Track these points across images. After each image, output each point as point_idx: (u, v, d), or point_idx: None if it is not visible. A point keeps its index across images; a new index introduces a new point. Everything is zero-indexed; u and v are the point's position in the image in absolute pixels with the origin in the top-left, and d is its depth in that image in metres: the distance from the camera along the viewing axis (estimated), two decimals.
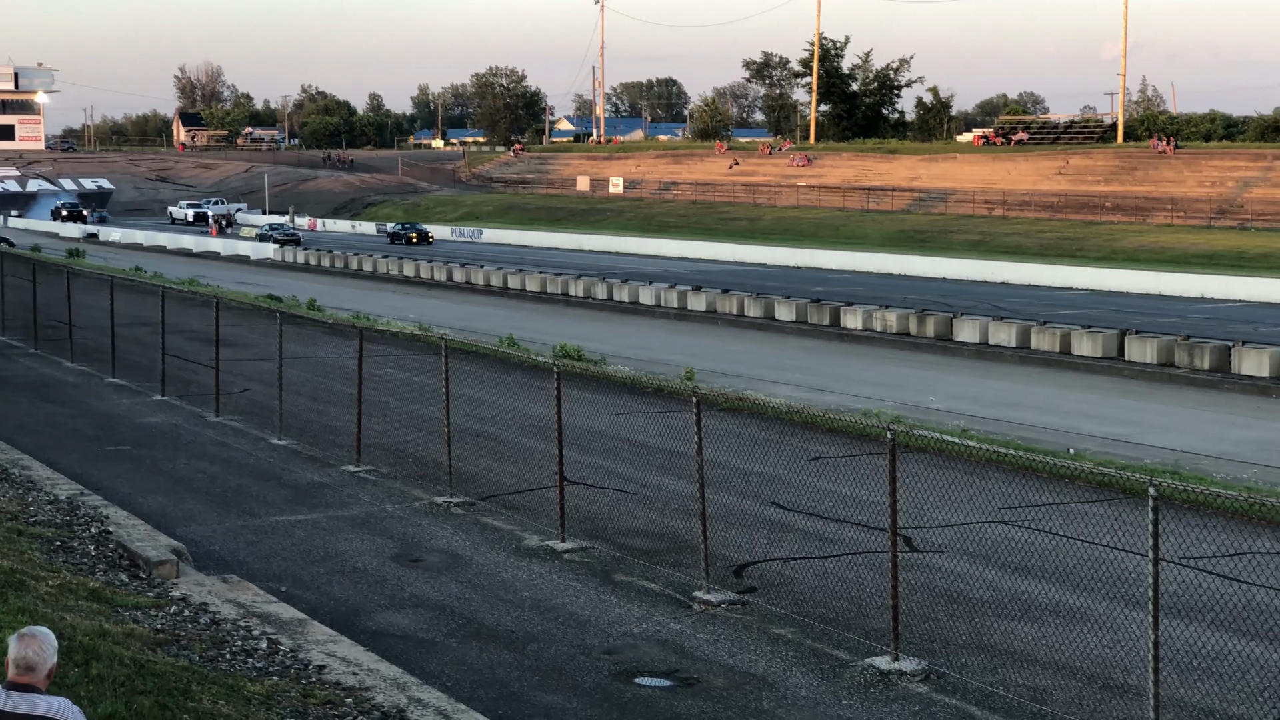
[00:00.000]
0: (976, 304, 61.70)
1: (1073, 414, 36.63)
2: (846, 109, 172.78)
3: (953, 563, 19.40)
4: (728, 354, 48.62)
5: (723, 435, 27.88)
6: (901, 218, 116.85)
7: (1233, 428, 35.22)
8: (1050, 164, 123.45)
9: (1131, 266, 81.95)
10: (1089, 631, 16.36)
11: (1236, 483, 25.00)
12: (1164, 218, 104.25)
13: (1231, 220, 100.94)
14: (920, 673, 14.90)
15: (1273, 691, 14.39)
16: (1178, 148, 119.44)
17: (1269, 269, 79.92)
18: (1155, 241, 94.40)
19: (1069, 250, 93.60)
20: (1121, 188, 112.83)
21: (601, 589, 18.24)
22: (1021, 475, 24.72)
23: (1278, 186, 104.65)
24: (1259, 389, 41.36)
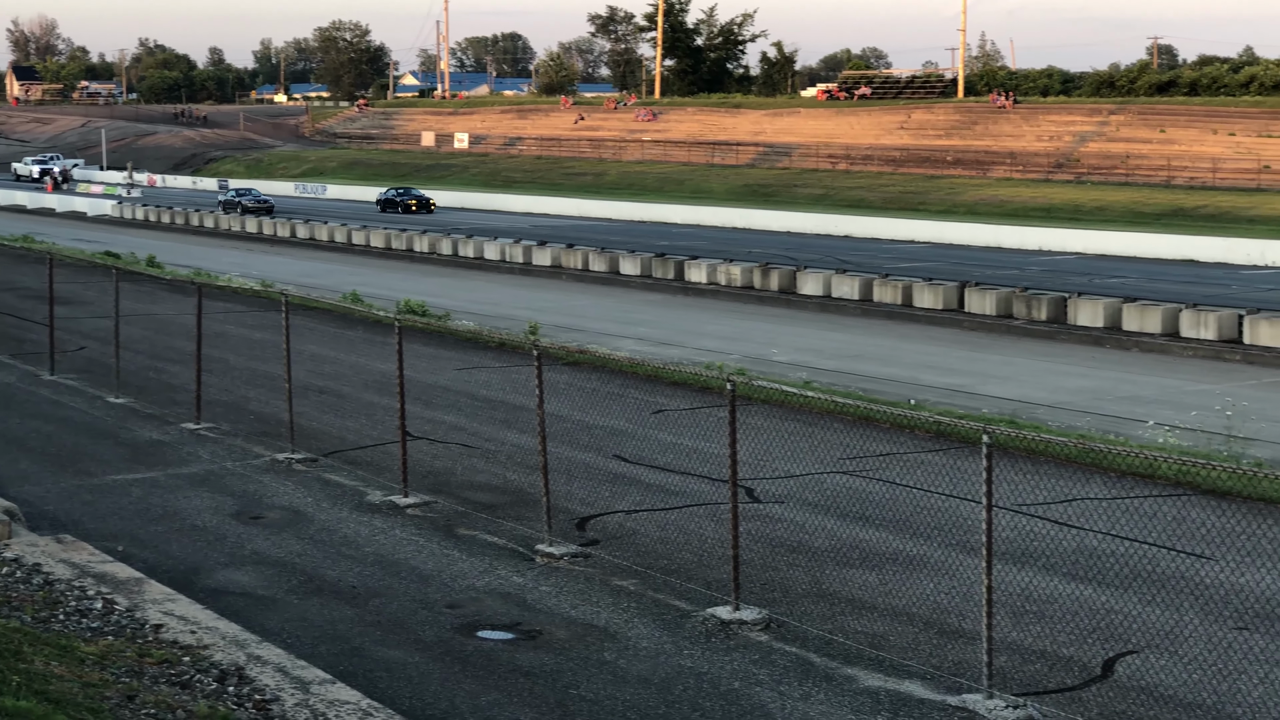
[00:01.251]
0: (820, 257, 62.19)
1: (914, 365, 37.08)
2: (691, 64, 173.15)
3: (794, 513, 19.58)
4: (573, 309, 48.60)
5: (566, 389, 27.92)
6: (746, 172, 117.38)
7: (1069, 377, 35.86)
8: (893, 119, 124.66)
9: (972, 220, 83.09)
10: (926, 578, 16.60)
11: (1070, 431, 25.46)
12: (1003, 172, 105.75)
13: (1068, 174, 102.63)
14: (761, 622, 15.03)
15: (1102, 633, 14.71)
16: (1016, 103, 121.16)
17: (1104, 221, 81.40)
18: (995, 195, 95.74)
19: (911, 204, 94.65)
20: (962, 142, 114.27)
21: (444, 543, 18.18)
22: (862, 426, 25.03)
23: (1113, 141, 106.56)
24: (1094, 339, 42.16)
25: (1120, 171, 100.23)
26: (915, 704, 12.98)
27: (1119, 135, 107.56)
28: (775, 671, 13.79)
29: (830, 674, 13.72)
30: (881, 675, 13.67)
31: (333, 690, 12.31)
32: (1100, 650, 14.28)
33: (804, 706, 12.94)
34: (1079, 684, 13.45)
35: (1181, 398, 32.17)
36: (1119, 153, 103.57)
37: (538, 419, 17.97)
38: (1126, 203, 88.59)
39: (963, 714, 12.72)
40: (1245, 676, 13.50)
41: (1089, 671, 13.77)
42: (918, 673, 13.70)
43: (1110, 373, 36.69)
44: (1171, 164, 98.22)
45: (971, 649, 13.88)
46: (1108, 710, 12.78)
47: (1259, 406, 30.32)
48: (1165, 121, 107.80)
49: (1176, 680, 13.46)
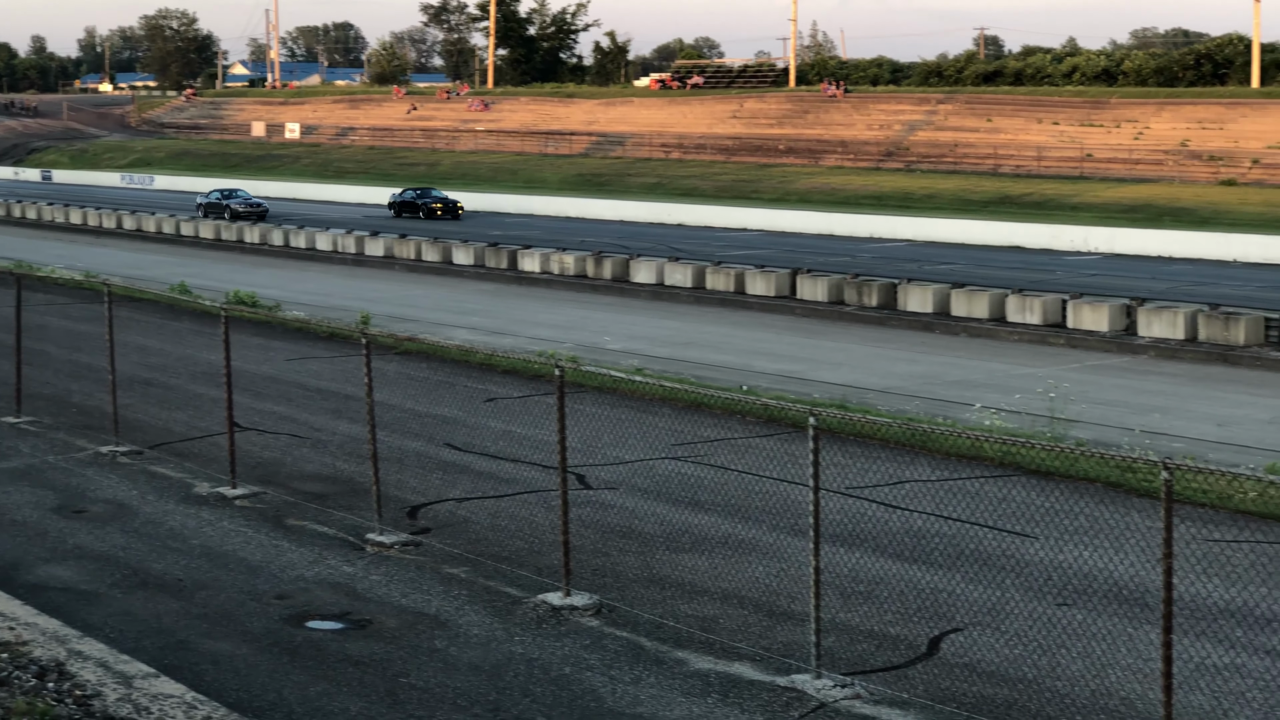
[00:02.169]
0: (653, 246, 62.37)
1: (747, 352, 37.33)
2: (525, 53, 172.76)
3: (625, 499, 19.61)
4: (406, 298, 48.28)
5: (398, 378, 27.75)
6: (580, 161, 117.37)
7: (899, 362, 36.33)
8: (725, 108, 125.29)
9: (804, 207, 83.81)
10: (756, 561, 16.71)
11: (900, 414, 25.78)
12: (835, 160, 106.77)
13: (898, 162, 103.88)
14: (592, 607, 15.04)
15: (928, 612, 14.91)
16: (847, 92, 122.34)
17: (933, 209, 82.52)
18: (826, 183, 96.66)
19: (744, 192, 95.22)
20: (794, 131, 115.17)
21: (273, 534, 17.97)
22: (693, 412, 25.16)
23: (941, 130, 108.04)
24: (923, 324, 42.74)
25: (948, 160, 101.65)
26: (745, 685, 13.06)
27: (947, 124, 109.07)
28: (606, 656, 13.81)
29: (661, 657, 13.76)
30: (712, 658, 13.74)
31: (156, 684, 12.12)
32: (926, 629, 14.47)
33: (634, 690, 12.97)
34: (905, 662, 13.62)
35: (1008, 381, 32.72)
36: (947, 141, 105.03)
37: (367, 408, 17.82)
38: (955, 190, 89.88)
39: (791, 694, 12.82)
40: (1065, 651, 13.76)
41: (915, 650, 13.95)
42: (748, 654, 13.78)
43: (939, 357, 37.21)
44: (998, 152, 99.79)
45: (801, 630, 13.99)
46: (933, 687, 12.95)
47: (1081, 389, 30.91)
48: (992, 111, 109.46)
49: (1000, 656, 13.68)
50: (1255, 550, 17.09)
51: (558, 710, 12.54)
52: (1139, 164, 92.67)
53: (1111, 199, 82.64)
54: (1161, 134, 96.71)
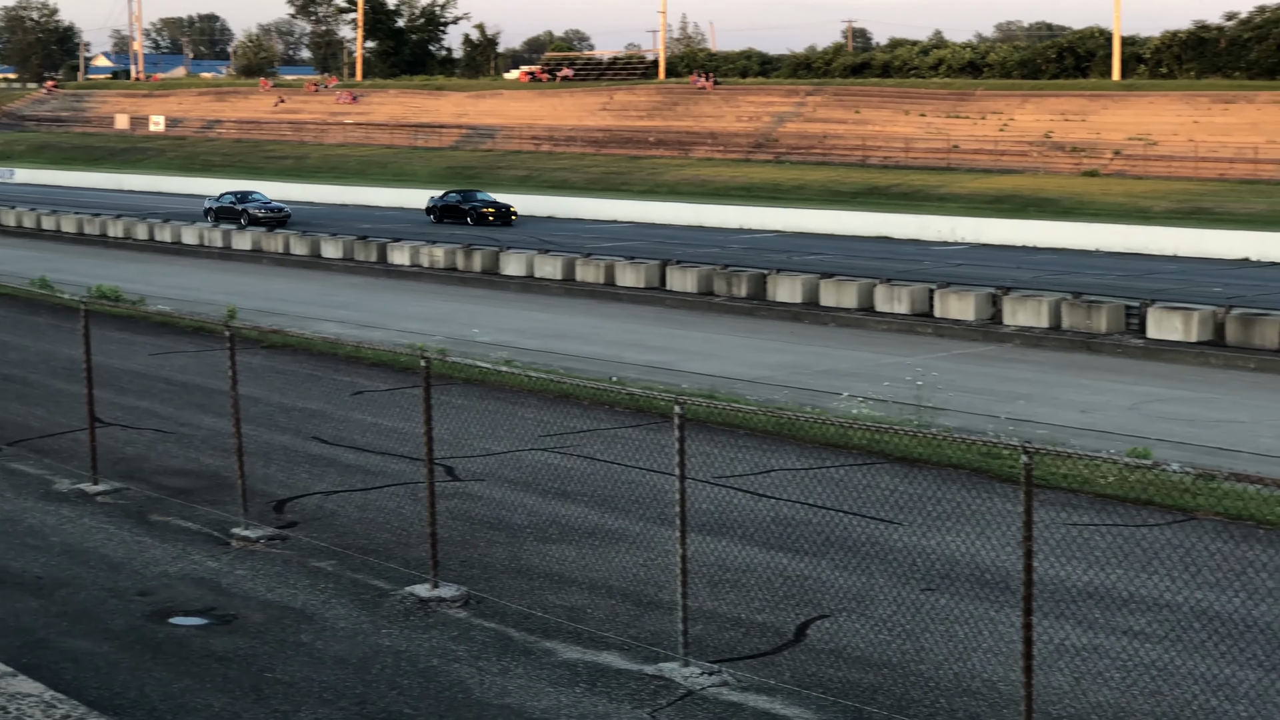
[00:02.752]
0: (523, 238, 62.26)
1: (616, 343, 37.38)
2: (393, 45, 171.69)
3: (494, 490, 19.54)
4: (274, 292, 47.83)
5: (265, 372, 27.48)
6: (450, 154, 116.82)
7: (768, 352, 36.52)
8: (595, 100, 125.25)
9: (674, 199, 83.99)
10: (625, 551, 16.71)
11: (768, 404, 25.91)
12: (705, 152, 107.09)
13: (768, 154, 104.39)
14: (460, 598, 14.97)
15: (796, 599, 14.98)
16: (717, 84, 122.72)
17: (803, 200, 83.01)
18: (697, 175, 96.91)
19: (614, 184, 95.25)
20: (664, 123, 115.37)
21: (136, 530, 17.71)
22: (562, 403, 25.14)
23: (810, 121, 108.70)
24: (792, 315, 43.01)
25: (817, 151, 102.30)
26: (613, 674, 13.05)
27: (816, 116, 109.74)
28: (474, 647, 13.75)
29: (529, 648, 13.72)
30: (580, 647, 13.72)
31: (14, 683, 11.87)
32: (794, 615, 14.54)
33: (502, 681, 12.92)
34: (773, 649, 13.68)
35: (876, 370, 33.01)
36: (816, 133, 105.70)
37: (231, 402, 17.62)
38: (824, 181, 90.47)
39: (659, 682, 12.83)
40: (930, 635, 13.90)
41: (783, 636, 14.01)
42: (616, 644, 13.78)
43: (809, 347, 37.48)
44: (866, 144, 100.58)
45: (669, 619, 14.00)
46: (800, 673, 13.02)
47: (948, 377, 31.27)
48: (860, 102, 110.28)
49: (866, 642, 13.78)
50: (1115, 533, 17.35)
51: (425, 702, 12.47)
52: (1004, 155, 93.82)
53: (978, 190, 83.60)
54: (1026, 126, 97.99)
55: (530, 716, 12.19)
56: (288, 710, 12.32)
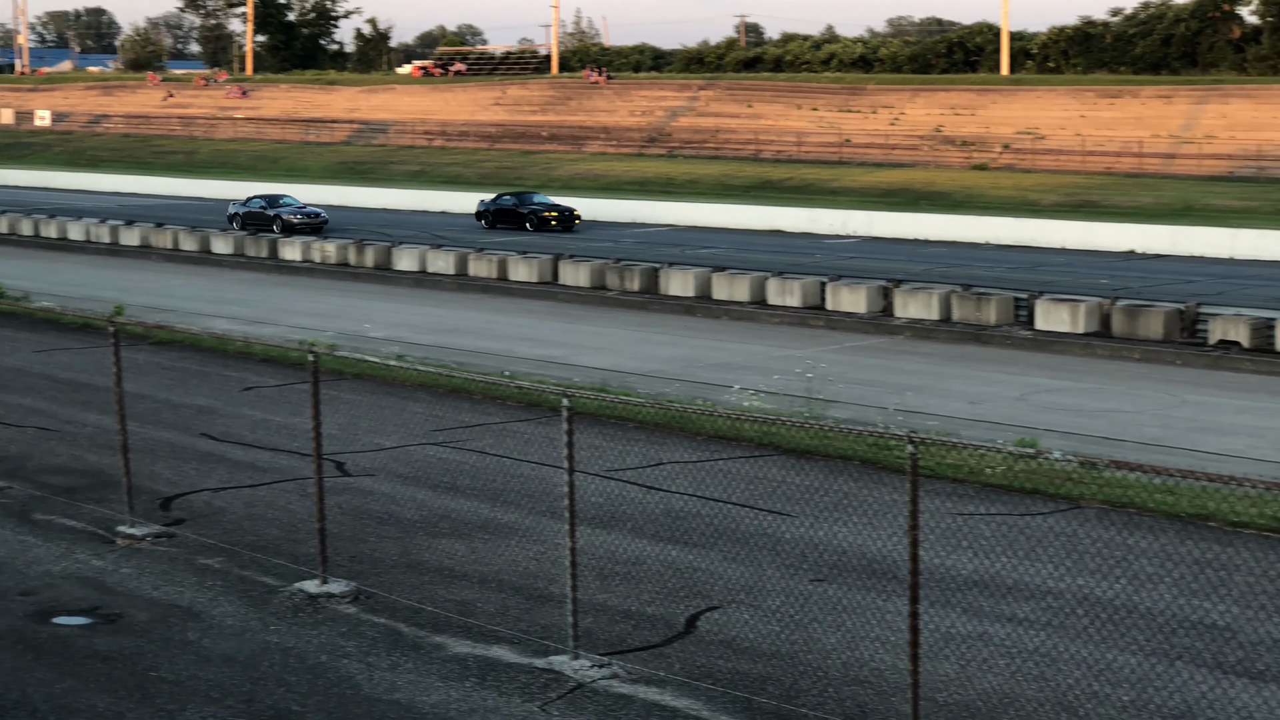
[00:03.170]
0: (417, 233, 61.97)
1: (510, 338, 37.31)
2: (284, 40, 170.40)
3: (385, 485, 19.44)
4: (163, 289, 47.33)
5: (151, 369, 27.19)
6: (342, 149, 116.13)
7: (661, 346, 36.59)
8: (488, 95, 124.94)
9: (568, 193, 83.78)
10: (516, 545, 16.68)
11: (660, 397, 25.95)
12: (598, 146, 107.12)
13: (661, 148, 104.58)
14: (349, 594, 14.88)
15: (686, 591, 15.01)
16: (610, 79, 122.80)
17: (696, 194, 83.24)
18: (590, 169, 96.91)
19: (508, 179, 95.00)
20: (557, 118, 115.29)
21: (19, 530, 17.45)
22: (454, 398, 25.07)
23: (703, 116, 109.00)
24: (685, 308, 43.11)
25: (710, 146, 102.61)
26: (503, 668, 13.02)
27: (709, 110, 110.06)
28: (364, 643, 13.67)
29: (419, 643, 13.66)
30: (470, 642, 13.67)
31: None
32: (684, 607, 14.57)
33: (391, 676, 12.85)
34: (663, 641, 13.70)
35: (768, 363, 33.12)
36: (709, 127, 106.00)
37: (116, 398, 17.40)
38: (717, 176, 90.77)
39: (549, 675, 12.81)
40: (819, 625, 13.97)
41: (673, 628, 14.03)
42: (506, 637, 13.75)
43: (701, 340, 37.56)
44: (759, 138, 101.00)
45: (559, 612, 13.97)
46: (690, 664, 13.05)
47: (840, 370, 31.46)
48: (752, 97, 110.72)
49: (756, 633, 13.83)
50: (1001, 522, 17.53)
51: (313, 699, 12.38)
52: (895, 149, 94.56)
53: (869, 183, 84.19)
54: (917, 120, 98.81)
55: (420, 711, 12.14)
56: (174, 709, 12.19)
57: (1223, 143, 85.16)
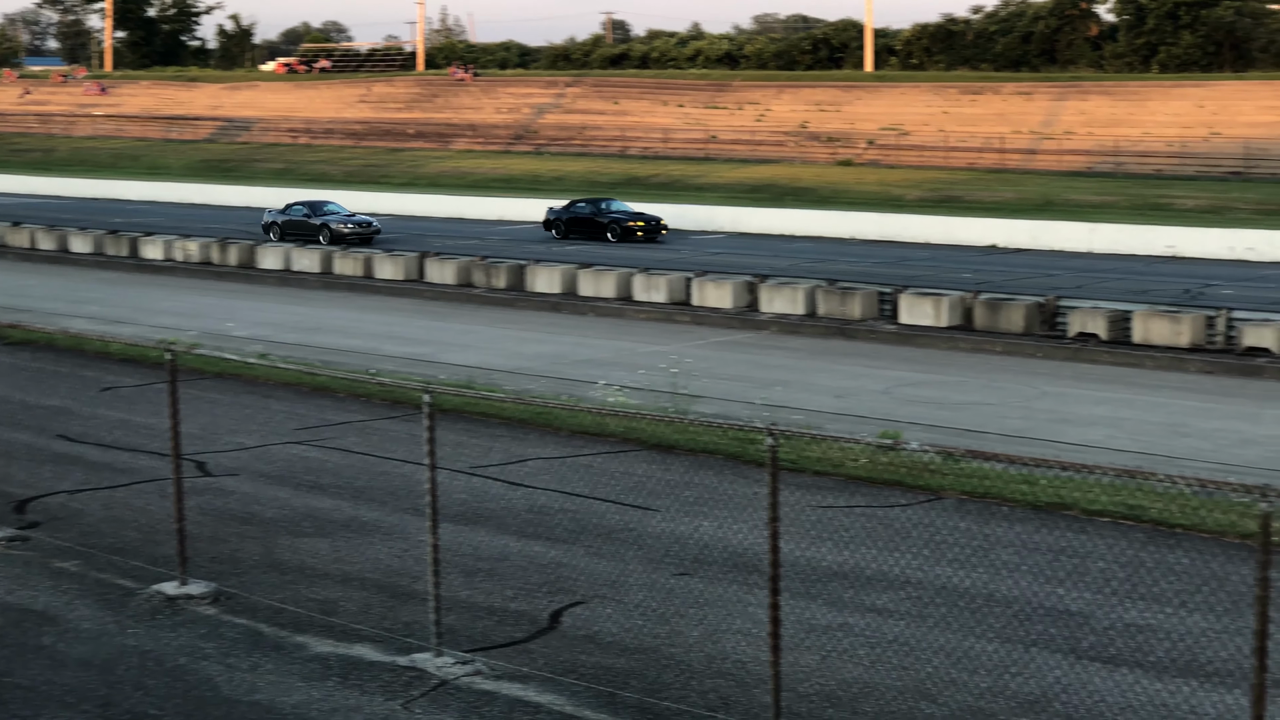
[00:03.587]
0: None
1: (375, 336, 37.09)
2: (145, 36, 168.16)
3: (247, 485, 19.23)
4: (18, 289, 46.50)
5: (5, 369, 26.76)
6: (205, 147, 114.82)
7: (527, 343, 36.54)
8: (353, 92, 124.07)
9: (434, 191, 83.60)
10: (379, 543, 16.56)
11: (524, 394, 25.89)
12: (465, 144, 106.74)
13: (528, 145, 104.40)
14: (209, 595, 14.69)
15: (551, 586, 14.98)
16: (476, 76, 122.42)
17: (563, 191, 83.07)
18: (457, 167, 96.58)
19: (374, 177, 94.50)
20: (424, 115, 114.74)
21: None
22: (318, 396, 24.88)
23: (570, 113, 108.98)
24: (551, 305, 43.07)
25: (577, 142, 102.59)
26: (365, 667, 12.92)
27: (575, 107, 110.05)
28: (223, 644, 13.50)
29: (280, 643, 13.52)
30: (332, 641, 13.56)
31: None
32: (548, 603, 14.54)
33: (252, 677, 12.71)
34: (527, 637, 13.66)
35: (634, 359, 33.16)
36: (576, 124, 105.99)
37: None
38: (584, 172, 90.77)
39: (412, 673, 12.74)
40: (683, 619, 14.00)
41: (537, 624, 14.00)
42: (369, 636, 13.64)
43: (568, 337, 37.56)
44: (626, 134, 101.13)
45: (422, 610, 13.88)
46: (554, 660, 13.02)
47: (706, 365, 31.59)
48: (619, 94, 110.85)
49: (619, 627, 13.83)
50: (864, 514, 17.68)
51: (171, 702, 12.21)
52: (761, 145, 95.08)
53: (736, 179, 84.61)
54: (782, 116, 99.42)
55: (280, 712, 12.02)
56: (28, 715, 11.97)
57: (1081, 139, 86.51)
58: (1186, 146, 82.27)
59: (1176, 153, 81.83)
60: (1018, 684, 12.31)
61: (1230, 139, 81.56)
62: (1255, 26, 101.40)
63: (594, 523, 17.30)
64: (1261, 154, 78.89)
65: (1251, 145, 80.00)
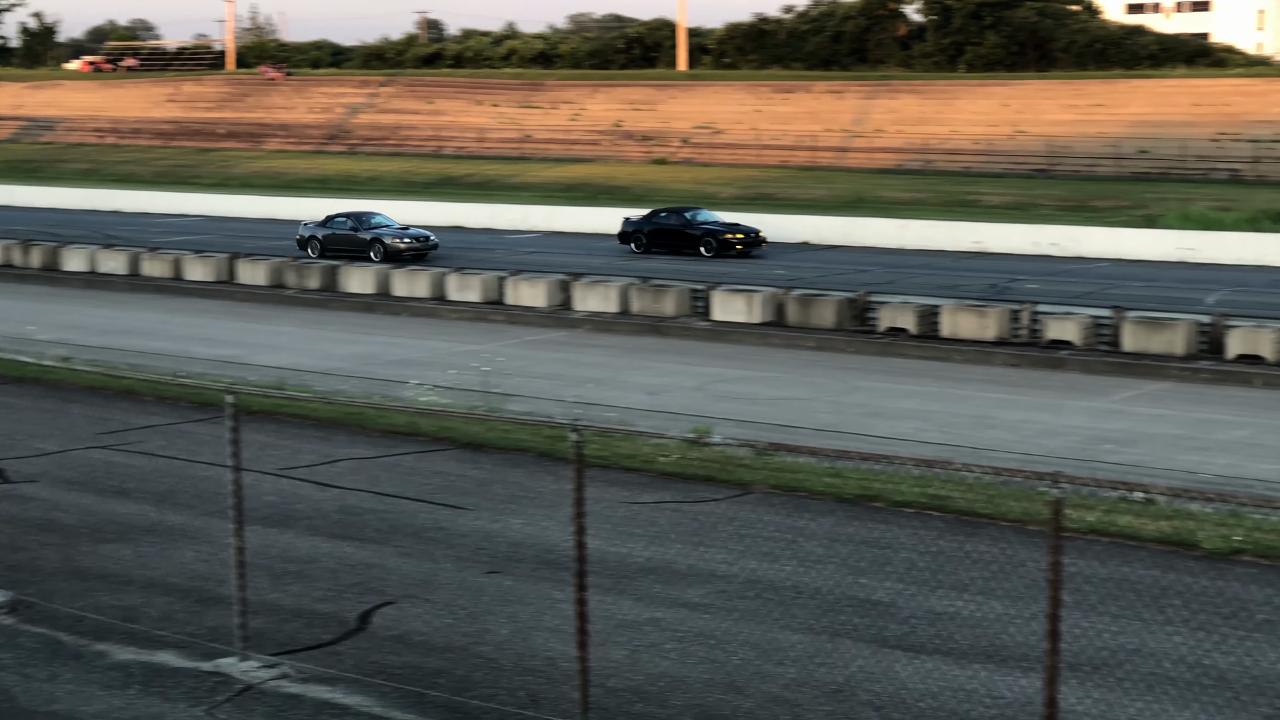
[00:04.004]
0: (87, 233, 60.14)
1: (185, 338, 36.53)
2: None
3: (47, 491, 18.80)
4: None
5: None
6: (7, 147, 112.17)
7: (340, 343, 36.24)
8: (162, 91, 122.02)
9: (246, 192, 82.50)
10: (185, 547, 16.29)
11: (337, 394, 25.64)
12: (277, 144, 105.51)
13: (342, 145, 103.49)
14: (6, 604, 14.34)
15: (360, 587, 14.85)
16: (289, 75, 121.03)
17: (377, 191, 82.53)
18: (269, 167, 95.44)
19: (184, 177, 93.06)
20: (235, 115, 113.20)
21: None
22: (124, 399, 24.42)
23: (384, 112, 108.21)
24: (365, 306, 42.77)
25: (392, 142, 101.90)
26: (169, 674, 12.70)
27: (389, 107, 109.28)
28: (21, 654, 13.19)
29: (80, 652, 13.25)
30: (135, 648, 13.31)
31: None
32: (358, 604, 14.41)
33: (50, 687, 12.43)
34: (335, 639, 13.52)
35: (448, 358, 33.02)
36: (390, 124, 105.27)
37: None
38: (398, 172, 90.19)
39: (217, 679, 12.55)
40: (493, 617, 13.96)
41: (346, 625, 13.87)
42: (173, 642, 13.41)
43: (381, 337, 37.31)
44: (441, 134, 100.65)
45: (228, 614, 13.68)
46: (363, 661, 12.91)
47: (520, 364, 31.60)
48: (434, 93, 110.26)
49: (429, 626, 13.75)
50: (675, 509, 17.76)
51: None
52: (576, 144, 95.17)
53: (550, 179, 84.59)
54: (597, 115, 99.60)
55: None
56: None
57: (891, 137, 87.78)
58: (993, 144, 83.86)
59: (983, 150, 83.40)
60: (824, 674, 12.45)
61: (1034, 137, 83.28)
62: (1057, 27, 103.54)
63: (405, 522, 17.19)
64: (1064, 151, 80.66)
65: (1055, 143, 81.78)
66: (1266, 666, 12.66)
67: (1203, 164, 76.88)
